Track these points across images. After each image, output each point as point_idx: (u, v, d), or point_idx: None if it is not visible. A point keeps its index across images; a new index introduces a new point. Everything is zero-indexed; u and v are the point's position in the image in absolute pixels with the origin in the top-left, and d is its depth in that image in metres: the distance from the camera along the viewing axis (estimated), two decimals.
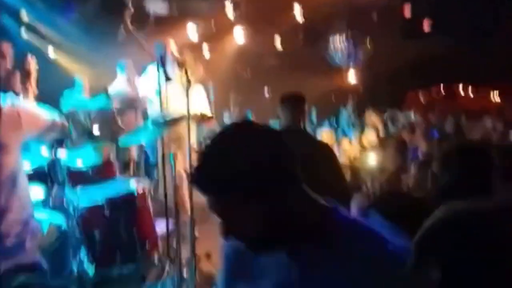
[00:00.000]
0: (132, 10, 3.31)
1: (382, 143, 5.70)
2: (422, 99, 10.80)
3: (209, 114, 3.77)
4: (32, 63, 4.14)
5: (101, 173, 3.19)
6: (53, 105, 4.57)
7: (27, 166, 2.72)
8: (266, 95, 9.18)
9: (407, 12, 5.53)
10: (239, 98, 8.92)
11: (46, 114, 2.19)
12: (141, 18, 4.99)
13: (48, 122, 2.16)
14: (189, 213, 2.81)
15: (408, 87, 9.83)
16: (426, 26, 5.72)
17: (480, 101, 10.89)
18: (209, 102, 4.62)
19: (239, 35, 7.84)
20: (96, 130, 3.72)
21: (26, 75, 4.17)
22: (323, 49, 8.65)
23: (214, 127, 4.70)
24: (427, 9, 5.65)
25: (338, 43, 8.27)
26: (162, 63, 2.76)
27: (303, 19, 7.12)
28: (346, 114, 8.26)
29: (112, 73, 4.92)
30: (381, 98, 9.04)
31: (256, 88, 9.52)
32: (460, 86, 11.13)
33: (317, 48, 8.82)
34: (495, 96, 11.23)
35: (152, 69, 3.90)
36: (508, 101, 10.58)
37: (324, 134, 5.88)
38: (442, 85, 10.41)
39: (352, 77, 9.88)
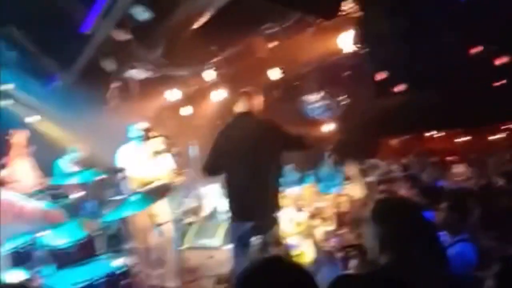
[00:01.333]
0: (115, 83, 3.32)
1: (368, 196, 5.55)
2: (395, 147, 11.10)
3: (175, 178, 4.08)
4: (17, 135, 4.12)
5: (82, 250, 3.01)
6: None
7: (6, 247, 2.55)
8: None
9: (379, 76, 5.81)
10: None
11: (32, 205, 2.03)
12: (125, 85, 5.04)
13: (35, 213, 2.00)
14: None
15: (381, 138, 10.08)
16: (397, 89, 6.00)
17: (445, 145, 11.28)
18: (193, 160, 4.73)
19: (217, 95, 8.01)
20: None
21: (7, 148, 4.13)
22: (299, 104, 8.88)
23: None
24: (398, 73, 5.98)
25: (313, 98, 8.52)
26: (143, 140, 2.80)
27: (280, 78, 7.35)
28: (327, 166, 8.29)
29: (97, 140, 4.88)
30: (358, 149, 9.21)
31: None
32: (429, 133, 11.55)
33: (293, 103, 9.04)
34: (459, 139, 11.68)
35: (129, 145, 3.97)
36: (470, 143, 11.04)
37: (307, 189, 5.76)
38: (412, 133, 10.77)
39: (328, 129, 10.10)
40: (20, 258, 2.74)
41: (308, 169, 8.69)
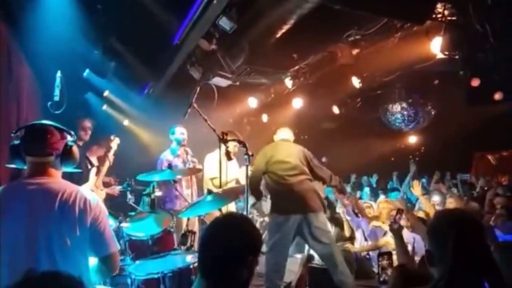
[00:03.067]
0: (198, 89, 3.43)
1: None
2: (492, 161, 9.89)
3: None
4: (115, 141, 4.55)
5: (160, 244, 3.16)
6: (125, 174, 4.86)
7: None
8: (323, 159, 8.99)
9: (475, 82, 5.17)
10: None
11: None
12: (207, 93, 5.24)
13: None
14: None
15: (474, 151, 9.07)
16: (497, 95, 5.27)
17: None
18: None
19: (296, 102, 7.94)
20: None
21: (107, 149, 4.56)
22: (382, 113, 8.39)
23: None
24: (495, 80, 5.26)
25: (397, 107, 7.98)
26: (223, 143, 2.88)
27: (362, 86, 7.00)
28: (409, 178, 7.73)
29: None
30: (447, 162, 8.41)
31: (312, 151, 9.38)
32: None
33: (375, 113, 8.59)
34: None
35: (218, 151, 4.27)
36: None
37: (382, 204, 5.40)
38: None
39: (413, 140, 9.39)
40: None
41: (388, 180, 8.16)
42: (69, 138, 1.99)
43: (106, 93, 6.55)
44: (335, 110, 8.48)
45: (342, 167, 9.58)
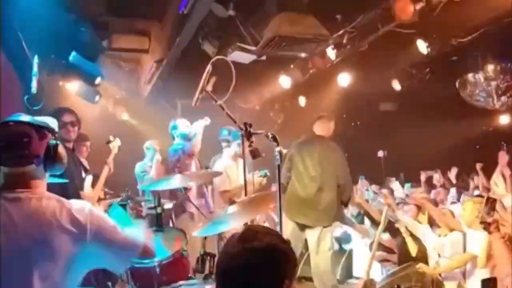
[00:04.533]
0: (210, 68, 3.35)
1: None
2: None
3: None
4: (115, 142, 4.66)
5: (170, 272, 3.12)
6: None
7: None
8: (380, 153, 8.77)
9: None
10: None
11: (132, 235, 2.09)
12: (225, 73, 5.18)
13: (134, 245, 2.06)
14: None
15: None
16: None
17: None
18: None
19: (343, 78, 7.76)
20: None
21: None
22: (460, 87, 8.05)
23: None
24: None
25: (481, 78, 7.61)
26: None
27: (429, 52, 6.72)
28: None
29: None
30: None
31: (366, 142, 9.21)
32: None
33: (450, 87, 8.26)
34: None
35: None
36: None
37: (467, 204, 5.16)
38: None
39: (505, 121, 8.96)
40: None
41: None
42: (50, 136, 1.98)
43: (97, 81, 6.62)
44: (396, 86, 8.28)
45: (408, 161, 9.34)
